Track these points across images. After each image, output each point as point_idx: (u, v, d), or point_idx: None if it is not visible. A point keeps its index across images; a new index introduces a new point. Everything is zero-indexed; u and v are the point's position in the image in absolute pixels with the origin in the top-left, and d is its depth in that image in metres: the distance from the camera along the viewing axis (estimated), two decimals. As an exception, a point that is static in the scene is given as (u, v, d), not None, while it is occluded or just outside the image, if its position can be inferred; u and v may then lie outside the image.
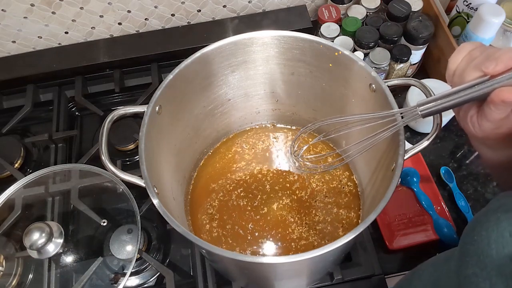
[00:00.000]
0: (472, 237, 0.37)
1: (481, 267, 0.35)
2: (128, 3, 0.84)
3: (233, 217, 0.70)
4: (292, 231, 0.68)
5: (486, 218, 0.36)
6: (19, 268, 0.67)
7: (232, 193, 0.72)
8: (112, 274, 0.66)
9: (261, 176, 0.74)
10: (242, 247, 0.67)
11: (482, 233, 0.35)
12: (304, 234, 0.68)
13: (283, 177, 0.73)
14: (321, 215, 0.69)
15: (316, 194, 0.71)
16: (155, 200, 0.50)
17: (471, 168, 0.78)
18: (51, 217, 0.71)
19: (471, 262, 0.36)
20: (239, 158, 0.76)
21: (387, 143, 0.57)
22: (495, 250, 0.34)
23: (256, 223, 0.69)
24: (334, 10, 0.85)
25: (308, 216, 0.69)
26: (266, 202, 0.71)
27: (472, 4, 0.78)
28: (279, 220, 0.69)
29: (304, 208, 0.70)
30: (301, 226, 0.68)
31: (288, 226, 0.69)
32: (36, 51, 0.90)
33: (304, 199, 0.71)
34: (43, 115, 0.88)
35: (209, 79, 0.65)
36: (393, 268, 0.69)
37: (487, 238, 0.35)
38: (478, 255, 0.35)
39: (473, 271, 0.35)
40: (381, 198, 0.48)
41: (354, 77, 0.60)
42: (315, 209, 0.70)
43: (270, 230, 0.68)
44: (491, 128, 0.41)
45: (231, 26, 0.90)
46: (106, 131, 0.54)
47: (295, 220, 0.69)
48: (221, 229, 0.69)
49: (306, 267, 0.56)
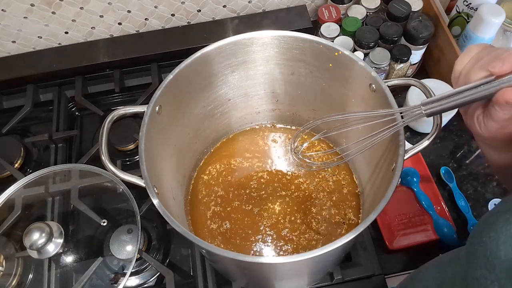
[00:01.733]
0: (480, 239, 0.36)
1: (489, 269, 0.34)
2: (128, 3, 0.84)
3: (233, 217, 0.70)
4: (292, 231, 0.68)
5: (494, 219, 0.36)
6: (19, 268, 0.67)
7: (232, 193, 0.72)
8: (112, 274, 0.66)
9: (261, 176, 0.74)
10: (242, 246, 0.67)
11: (491, 234, 0.35)
12: (304, 234, 0.68)
13: (283, 177, 0.73)
14: (321, 215, 0.69)
15: (316, 194, 0.71)
16: (155, 200, 0.50)
17: (471, 168, 0.78)
18: (51, 217, 0.71)
19: (479, 264, 0.36)
20: (239, 158, 0.76)
21: (387, 143, 0.57)
22: (504, 252, 0.33)
23: (256, 223, 0.69)
24: (334, 10, 0.85)
25: (308, 216, 0.69)
26: (266, 202, 0.71)
27: (472, 4, 0.78)
28: (279, 220, 0.69)
29: (304, 208, 0.70)
30: (301, 226, 0.68)
31: (288, 226, 0.69)
32: (36, 51, 0.90)
33: (304, 199, 0.71)
34: (43, 115, 0.88)
35: (209, 79, 0.65)
36: (393, 268, 0.69)
37: (496, 239, 0.34)
38: (487, 257, 0.35)
39: (481, 273, 0.35)
40: (381, 198, 0.48)
41: (354, 77, 0.60)
42: (315, 209, 0.70)
43: (270, 230, 0.68)
44: (497, 128, 0.41)
45: (231, 26, 0.90)
46: (106, 131, 0.54)
47: (295, 220, 0.69)
48: (221, 229, 0.69)
49: (306, 267, 0.56)
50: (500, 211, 0.37)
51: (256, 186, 0.73)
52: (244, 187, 0.73)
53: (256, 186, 0.73)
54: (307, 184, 0.72)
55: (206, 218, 0.70)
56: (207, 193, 0.73)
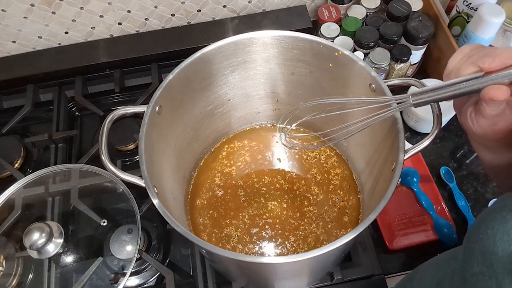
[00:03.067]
0: (477, 236, 0.37)
1: (487, 265, 0.35)
2: (128, 3, 0.84)
3: (233, 217, 0.70)
4: (292, 231, 0.68)
5: (491, 217, 0.37)
6: (19, 268, 0.67)
7: (232, 193, 0.72)
8: (112, 274, 0.66)
9: (261, 176, 0.74)
10: (242, 246, 0.67)
11: (488, 231, 0.36)
12: (304, 234, 0.68)
13: (283, 177, 0.73)
14: (321, 214, 0.69)
15: (316, 194, 0.71)
16: (155, 200, 0.50)
17: (471, 168, 0.78)
18: (51, 217, 0.71)
19: (477, 261, 0.36)
20: (239, 158, 0.76)
21: (387, 143, 0.57)
22: (501, 248, 0.34)
23: (256, 223, 0.69)
24: (334, 10, 0.85)
25: (308, 216, 0.69)
26: (266, 202, 0.71)
27: (472, 4, 0.78)
28: (279, 219, 0.69)
29: (304, 208, 0.70)
30: (301, 226, 0.68)
31: (288, 226, 0.69)
32: (36, 51, 0.90)
33: (304, 199, 0.71)
34: (43, 115, 0.88)
35: (209, 79, 0.65)
36: (393, 268, 0.69)
37: (493, 236, 0.35)
38: (484, 254, 0.35)
39: (480, 269, 0.35)
40: (381, 198, 0.48)
41: (354, 77, 0.60)
42: (315, 209, 0.70)
43: (270, 230, 0.68)
44: (487, 124, 0.42)
45: (231, 26, 0.90)
46: (106, 131, 0.54)
47: (295, 220, 0.69)
48: (221, 229, 0.69)
49: (306, 267, 0.56)
50: (496, 209, 0.37)
51: (256, 186, 0.73)
52: (244, 187, 0.73)
53: (256, 186, 0.73)
54: (307, 184, 0.72)
55: (206, 218, 0.70)
56: (207, 193, 0.73)
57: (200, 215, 0.70)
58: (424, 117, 0.77)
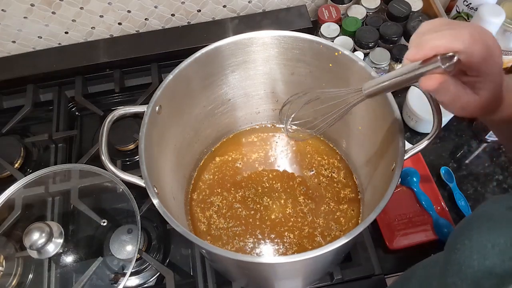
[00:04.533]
0: (455, 245, 0.36)
1: (461, 278, 0.34)
2: (128, 3, 0.84)
3: (233, 217, 0.70)
4: (292, 230, 0.68)
5: (470, 226, 0.36)
6: (19, 268, 0.67)
7: (232, 193, 0.72)
8: (112, 274, 0.66)
9: (261, 176, 0.74)
10: (242, 246, 0.67)
11: (465, 242, 0.35)
12: (304, 234, 0.68)
13: (283, 177, 0.73)
14: (321, 215, 0.69)
15: (316, 193, 0.71)
16: (155, 200, 0.50)
17: (471, 168, 0.78)
18: (51, 217, 0.71)
19: (452, 271, 0.35)
20: (239, 158, 0.76)
21: (387, 143, 0.57)
22: (477, 262, 0.33)
23: (256, 223, 0.69)
24: (334, 10, 0.85)
25: (308, 216, 0.69)
26: (266, 202, 0.71)
27: (472, 4, 0.78)
28: (279, 219, 0.69)
29: (304, 208, 0.70)
30: (301, 226, 0.68)
31: (288, 226, 0.69)
32: (36, 51, 0.90)
33: (304, 199, 0.71)
34: (43, 115, 0.88)
35: (209, 79, 0.65)
36: (393, 268, 0.69)
37: (470, 248, 0.34)
38: (460, 265, 0.34)
39: (453, 281, 0.35)
40: (381, 198, 0.48)
41: (354, 77, 0.60)
42: (315, 208, 0.70)
43: (270, 230, 0.68)
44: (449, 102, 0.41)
45: (231, 26, 0.90)
46: (106, 131, 0.54)
47: (295, 220, 0.69)
48: (221, 229, 0.69)
49: (306, 267, 0.56)
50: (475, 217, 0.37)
51: (256, 185, 0.73)
52: (244, 187, 0.73)
53: (256, 185, 0.73)
54: (307, 183, 0.72)
55: (206, 218, 0.70)
56: (207, 193, 0.73)
57: (200, 215, 0.70)
58: (424, 117, 0.77)
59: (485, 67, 0.38)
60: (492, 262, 0.32)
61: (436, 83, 0.38)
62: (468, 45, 0.36)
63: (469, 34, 0.36)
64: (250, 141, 0.77)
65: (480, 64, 0.37)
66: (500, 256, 0.32)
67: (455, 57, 0.37)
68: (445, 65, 0.37)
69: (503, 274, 0.31)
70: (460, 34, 0.36)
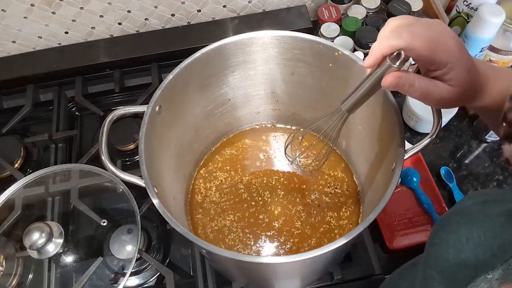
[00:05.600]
0: (433, 239, 0.37)
1: (438, 271, 0.35)
2: (128, 3, 0.84)
3: (233, 217, 0.70)
4: (292, 231, 0.68)
5: (448, 221, 0.37)
6: (19, 268, 0.67)
7: (232, 193, 0.72)
8: (112, 274, 0.66)
9: (261, 176, 0.74)
10: (242, 247, 0.67)
11: (442, 236, 0.36)
12: (304, 234, 0.68)
13: (283, 177, 0.73)
14: (321, 214, 0.69)
15: (316, 193, 0.71)
16: (155, 200, 0.50)
17: (471, 168, 0.78)
18: (51, 217, 0.71)
19: (430, 264, 0.36)
20: (239, 158, 0.76)
21: (387, 143, 0.57)
22: (453, 255, 0.34)
23: (256, 223, 0.69)
24: (334, 10, 0.85)
25: (308, 215, 0.69)
26: (266, 202, 0.71)
27: (472, 4, 0.78)
28: (279, 219, 0.69)
29: (304, 208, 0.70)
30: (301, 226, 0.68)
31: (288, 226, 0.69)
32: (36, 51, 0.90)
33: (304, 199, 0.71)
34: (43, 115, 0.88)
35: (209, 79, 0.65)
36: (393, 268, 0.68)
37: (446, 242, 0.35)
38: (437, 259, 0.35)
39: (431, 274, 0.36)
40: (381, 198, 0.48)
41: (354, 77, 0.60)
42: (315, 209, 0.70)
43: (269, 230, 0.68)
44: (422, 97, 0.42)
45: (231, 26, 0.90)
46: (106, 131, 0.54)
47: (295, 220, 0.69)
48: (221, 229, 0.69)
49: (306, 267, 0.56)
50: (453, 212, 0.37)
51: (256, 185, 0.73)
52: (244, 187, 0.73)
53: (256, 185, 0.73)
54: (307, 184, 0.72)
55: (206, 217, 0.70)
56: (207, 193, 0.73)
57: (200, 215, 0.70)
58: (424, 117, 0.77)
59: (438, 57, 0.39)
60: (466, 256, 0.33)
61: (392, 79, 0.41)
62: (409, 41, 0.38)
63: (408, 31, 0.39)
64: (250, 141, 0.77)
65: (429, 56, 0.39)
66: (474, 250, 0.33)
67: (401, 54, 0.40)
68: (396, 63, 0.41)
69: (477, 266, 0.33)
70: (400, 33, 0.39)
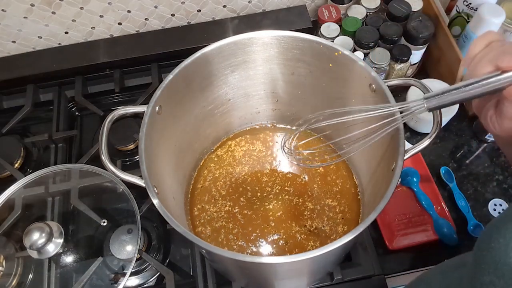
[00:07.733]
0: (489, 244, 0.36)
1: (498, 276, 0.34)
2: (128, 3, 0.84)
3: (233, 217, 0.70)
4: (292, 231, 0.68)
5: (504, 225, 0.36)
6: (19, 268, 0.67)
7: (232, 193, 0.72)
8: (112, 274, 0.66)
9: (261, 176, 0.74)
10: (242, 247, 0.67)
11: (500, 240, 0.35)
12: (304, 234, 0.68)
13: (283, 177, 0.73)
14: (321, 215, 0.69)
15: (316, 194, 0.71)
16: (155, 200, 0.50)
17: (471, 168, 0.78)
18: (51, 217, 0.71)
19: (488, 270, 0.35)
20: (239, 158, 0.76)
21: (387, 143, 0.57)
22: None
23: (256, 223, 0.69)
24: (334, 10, 0.85)
25: (308, 216, 0.69)
26: (266, 202, 0.71)
27: (472, 4, 0.78)
28: (279, 219, 0.69)
29: (304, 208, 0.70)
30: (301, 226, 0.68)
31: (288, 226, 0.69)
32: (36, 51, 0.90)
33: (304, 199, 0.71)
34: (43, 115, 0.88)
35: (209, 79, 0.65)
36: (393, 268, 0.69)
37: (505, 246, 0.34)
38: (496, 263, 0.35)
39: (490, 279, 0.35)
40: (381, 198, 0.48)
41: (354, 77, 0.60)
42: (315, 209, 0.70)
43: (270, 230, 0.68)
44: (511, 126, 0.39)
45: (231, 26, 0.90)
46: (106, 131, 0.54)
47: (295, 220, 0.69)
48: (221, 229, 0.69)
49: (306, 267, 0.56)
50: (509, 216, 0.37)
51: (256, 185, 0.73)
52: (244, 187, 0.73)
53: (256, 185, 0.73)
54: (307, 184, 0.72)
55: (206, 217, 0.70)
56: (207, 193, 0.72)
57: (200, 215, 0.70)
58: (424, 117, 0.77)
59: None
60: None
61: None
62: None
63: None
64: (250, 142, 0.77)
65: None
66: None
67: None
68: None
69: None
70: None
